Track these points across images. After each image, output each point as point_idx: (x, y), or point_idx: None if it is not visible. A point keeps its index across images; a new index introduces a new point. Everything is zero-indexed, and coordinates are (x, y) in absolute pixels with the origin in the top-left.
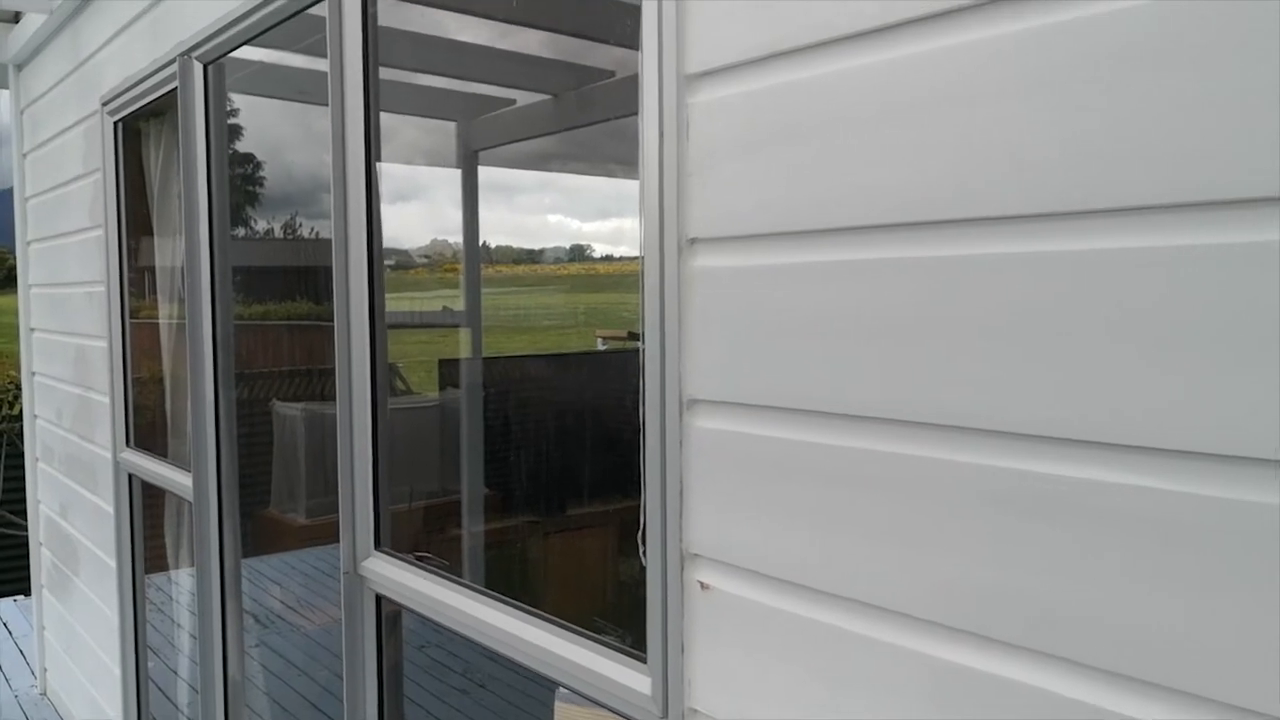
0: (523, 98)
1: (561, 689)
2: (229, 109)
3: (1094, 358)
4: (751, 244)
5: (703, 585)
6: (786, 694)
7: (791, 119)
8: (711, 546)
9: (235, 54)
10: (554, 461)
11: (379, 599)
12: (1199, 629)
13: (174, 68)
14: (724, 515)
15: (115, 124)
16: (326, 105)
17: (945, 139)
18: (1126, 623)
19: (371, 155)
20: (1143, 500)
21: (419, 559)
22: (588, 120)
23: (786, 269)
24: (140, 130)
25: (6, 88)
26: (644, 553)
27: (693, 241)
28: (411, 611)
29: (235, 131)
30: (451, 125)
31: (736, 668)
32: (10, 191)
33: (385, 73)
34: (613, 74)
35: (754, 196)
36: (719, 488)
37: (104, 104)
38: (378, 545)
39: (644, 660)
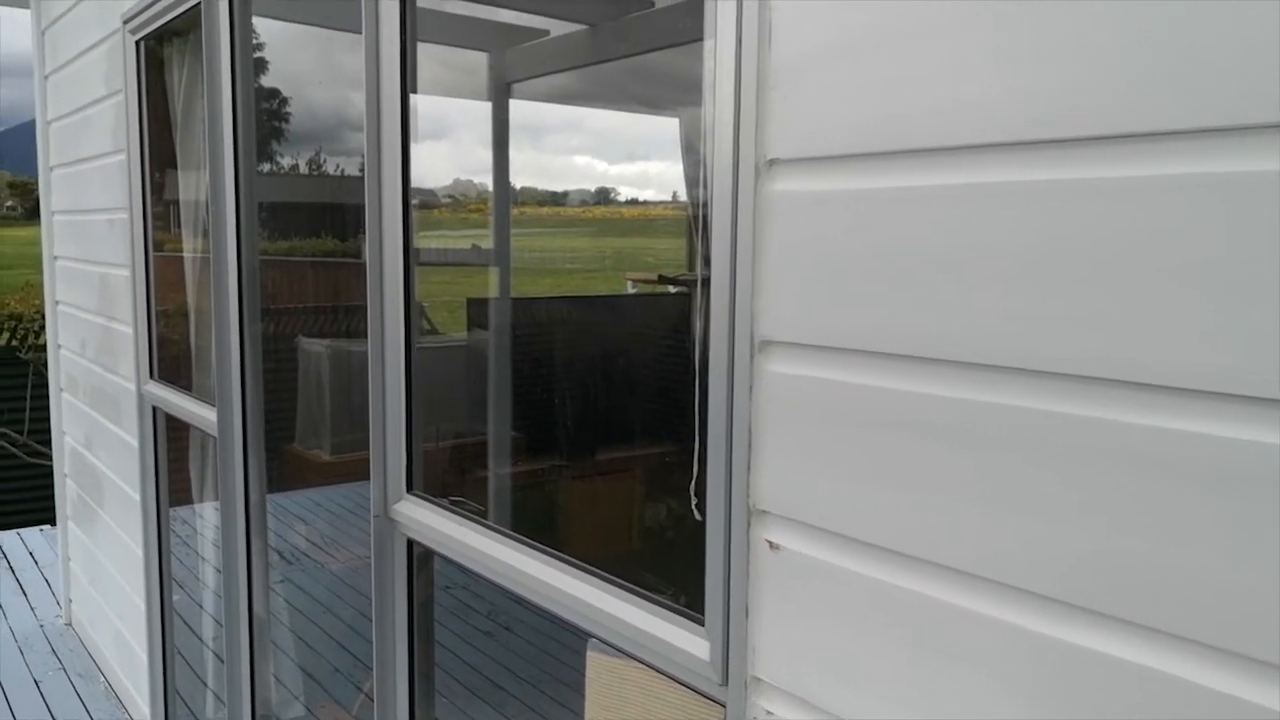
0: (557, 28)
1: (594, 639)
2: (253, 40)
3: (1239, 297)
4: (842, 165)
5: (771, 545)
6: (865, 666)
7: (895, 18)
8: (782, 503)
9: None
10: (587, 406)
11: (410, 543)
12: None
13: None
14: (798, 469)
15: (137, 43)
16: (354, 32)
17: (1072, 45)
18: (1269, 602)
19: (407, 86)
20: None
21: (454, 504)
22: (626, 52)
23: (882, 194)
24: (164, 55)
25: (27, 7)
26: (697, 506)
27: (772, 163)
28: (445, 559)
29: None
30: (483, 56)
31: (809, 637)
32: (31, 123)
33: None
34: (652, 3)
35: (848, 111)
36: (793, 439)
37: (125, 22)
38: (410, 488)
39: (701, 623)
